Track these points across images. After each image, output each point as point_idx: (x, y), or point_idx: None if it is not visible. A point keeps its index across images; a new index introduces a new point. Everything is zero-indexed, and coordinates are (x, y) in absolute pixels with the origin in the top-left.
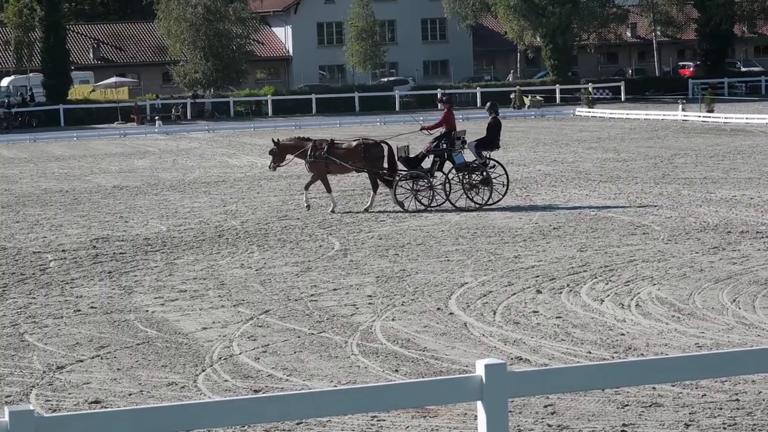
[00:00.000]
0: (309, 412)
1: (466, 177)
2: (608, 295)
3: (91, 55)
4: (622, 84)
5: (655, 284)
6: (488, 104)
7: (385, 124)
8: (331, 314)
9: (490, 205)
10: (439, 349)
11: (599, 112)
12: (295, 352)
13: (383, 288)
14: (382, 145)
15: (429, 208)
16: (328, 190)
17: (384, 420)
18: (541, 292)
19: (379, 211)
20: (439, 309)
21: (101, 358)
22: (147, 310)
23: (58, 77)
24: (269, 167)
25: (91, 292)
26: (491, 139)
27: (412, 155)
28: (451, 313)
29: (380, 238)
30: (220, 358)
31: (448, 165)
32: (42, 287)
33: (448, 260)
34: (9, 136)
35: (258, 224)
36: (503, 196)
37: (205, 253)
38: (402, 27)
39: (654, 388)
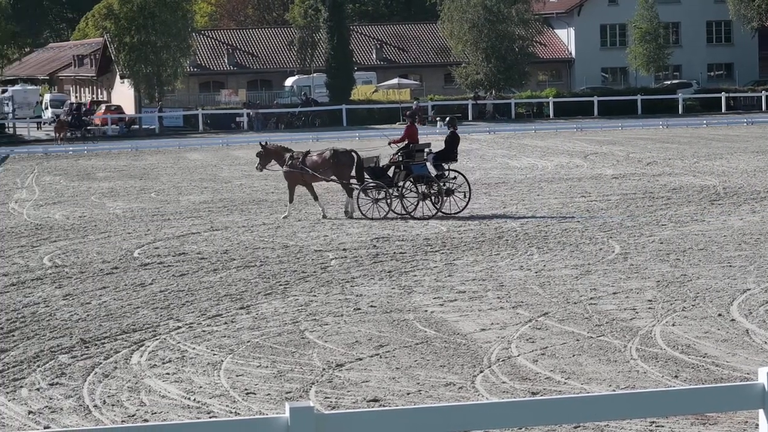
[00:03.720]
0: (587, 416)
1: (423, 187)
2: None
3: (374, 56)
4: None
5: None
6: (447, 119)
7: (667, 127)
8: (611, 318)
9: (453, 214)
10: (719, 355)
11: None
12: (573, 356)
13: (663, 293)
14: (352, 154)
15: (386, 217)
16: (291, 199)
17: (663, 426)
18: None
19: (660, 215)
20: (720, 315)
21: (380, 357)
22: (426, 310)
23: (342, 77)
24: (256, 167)
25: (371, 290)
26: (448, 152)
27: (379, 166)
28: (732, 320)
29: (661, 242)
30: (498, 360)
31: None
32: (323, 285)
33: (730, 266)
34: (293, 135)
35: (538, 226)
36: (465, 206)
37: (485, 254)
38: (686, 29)
39: None
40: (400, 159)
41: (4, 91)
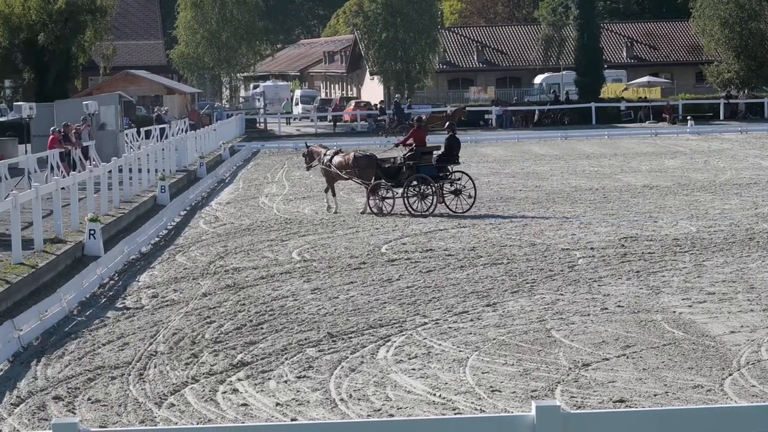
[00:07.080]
0: None
1: (425, 187)
2: None
3: (625, 54)
4: None
5: None
6: (447, 124)
7: None
8: None
9: (462, 212)
10: None
11: None
12: None
13: None
14: (373, 157)
15: (389, 214)
16: (333, 194)
17: None
18: None
19: None
20: None
21: (627, 357)
22: (674, 311)
23: (591, 75)
24: (306, 168)
25: (618, 290)
26: (448, 155)
27: (394, 166)
28: None
29: None
30: (747, 363)
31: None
32: (570, 284)
33: None
34: (540, 133)
35: None
36: (471, 206)
37: (735, 255)
38: None
39: None
40: (405, 160)
41: (255, 87)
